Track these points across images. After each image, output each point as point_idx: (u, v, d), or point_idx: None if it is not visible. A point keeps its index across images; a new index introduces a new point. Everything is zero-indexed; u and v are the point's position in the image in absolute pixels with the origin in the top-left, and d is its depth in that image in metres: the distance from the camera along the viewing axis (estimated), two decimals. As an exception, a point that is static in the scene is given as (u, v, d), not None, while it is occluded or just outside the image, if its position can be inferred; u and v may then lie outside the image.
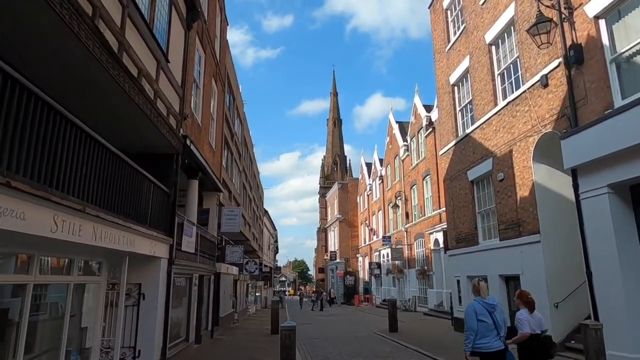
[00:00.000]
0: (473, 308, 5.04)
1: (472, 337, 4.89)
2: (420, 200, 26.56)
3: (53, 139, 4.29)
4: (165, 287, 8.24)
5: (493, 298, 5.25)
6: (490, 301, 5.11)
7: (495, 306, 5.10)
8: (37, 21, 4.20)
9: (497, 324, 4.97)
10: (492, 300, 5.14)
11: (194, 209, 11.32)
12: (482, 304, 5.05)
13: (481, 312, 4.96)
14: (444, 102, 16.39)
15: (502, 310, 5.24)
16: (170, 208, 8.55)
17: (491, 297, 5.25)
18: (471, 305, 5.16)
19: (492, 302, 5.11)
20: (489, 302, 5.10)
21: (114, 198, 5.86)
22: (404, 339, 13.24)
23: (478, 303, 5.07)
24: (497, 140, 12.33)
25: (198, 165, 10.99)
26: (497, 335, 4.94)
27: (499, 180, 12.12)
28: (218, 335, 14.19)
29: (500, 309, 5.19)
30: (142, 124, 7.12)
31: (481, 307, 5.01)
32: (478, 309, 4.99)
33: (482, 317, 4.92)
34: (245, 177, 24.79)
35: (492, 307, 5.05)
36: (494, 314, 5.01)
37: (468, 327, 4.98)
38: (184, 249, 9.44)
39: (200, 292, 11.93)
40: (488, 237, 13.19)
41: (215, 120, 14.03)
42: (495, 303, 5.15)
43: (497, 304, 5.18)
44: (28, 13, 4.09)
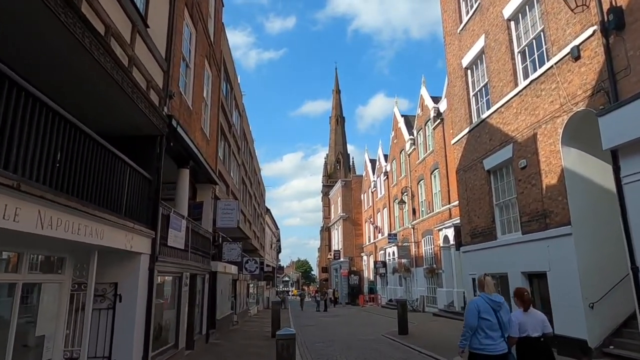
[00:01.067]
0: (475, 304, 4.66)
1: (469, 335, 4.60)
2: (428, 195, 25.42)
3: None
4: (146, 287, 7.17)
5: (498, 296, 4.76)
6: (496, 298, 4.66)
7: (501, 304, 4.66)
8: None
9: (502, 323, 4.58)
10: (497, 298, 4.69)
11: (184, 201, 10.26)
12: (486, 300, 4.63)
13: (484, 309, 4.57)
14: (456, 88, 15.27)
15: (508, 310, 4.80)
16: (153, 197, 7.49)
17: (496, 295, 4.76)
18: (473, 300, 4.79)
19: (498, 300, 4.66)
20: (495, 299, 4.65)
21: (71, 178, 4.79)
22: (416, 343, 12.12)
23: (482, 299, 4.67)
24: (518, 124, 11.21)
25: (188, 153, 9.92)
26: (502, 337, 4.59)
27: (520, 168, 11.00)
28: (214, 340, 13.12)
29: (507, 309, 4.75)
30: (114, 96, 6.05)
31: (485, 303, 4.61)
32: (481, 306, 4.60)
33: (485, 314, 4.54)
34: (245, 173, 23.73)
35: (497, 305, 4.61)
36: (499, 313, 4.59)
37: (466, 324, 4.65)
38: (171, 245, 8.37)
39: (193, 292, 10.86)
40: (507, 231, 12.06)
41: (210, 106, 12.96)
42: (501, 301, 4.69)
43: (503, 302, 4.72)
44: None
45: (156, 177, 7.58)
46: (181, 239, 9.06)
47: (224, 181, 16.13)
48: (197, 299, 11.68)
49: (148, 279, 7.23)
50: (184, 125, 9.45)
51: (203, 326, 11.89)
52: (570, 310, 9.08)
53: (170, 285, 9.23)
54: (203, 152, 11.62)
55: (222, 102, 15.41)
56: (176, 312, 9.28)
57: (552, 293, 9.74)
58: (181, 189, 10.23)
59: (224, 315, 16.00)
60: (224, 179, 15.94)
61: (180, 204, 10.17)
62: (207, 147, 12.35)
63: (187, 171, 10.45)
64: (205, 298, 12.24)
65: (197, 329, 11.55)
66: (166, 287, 8.97)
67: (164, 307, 8.82)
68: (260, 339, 13.70)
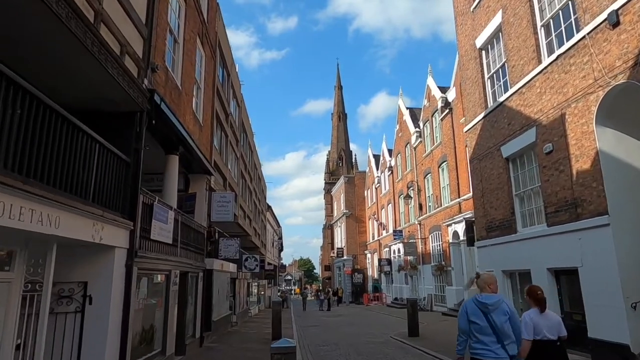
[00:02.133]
0: (464, 307, 4.35)
1: (462, 339, 4.26)
2: (435, 189, 24.34)
3: None
4: (123, 287, 6.16)
5: (491, 296, 4.23)
6: (484, 299, 4.18)
7: (490, 305, 4.14)
8: None
9: (495, 327, 4.07)
10: (487, 298, 4.18)
11: (173, 191, 9.25)
12: (474, 302, 4.24)
13: (472, 311, 4.21)
14: (469, 71, 14.19)
15: (505, 311, 4.15)
16: (131, 182, 6.47)
17: (488, 295, 4.24)
18: (464, 303, 4.46)
19: (486, 300, 4.16)
20: (483, 300, 4.19)
21: (12, 150, 3.77)
22: (429, 346, 11.10)
23: (471, 301, 4.31)
24: (542, 104, 10.13)
25: (178, 137, 8.91)
26: (498, 343, 4.06)
27: (545, 153, 9.93)
28: (209, 343, 12.11)
29: (503, 310, 4.14)
30: (78, 59, 5.02)
31: (473, 305, 4.22)
32: (469, 308, 4.25)
33: (473, 317, 4.17)
34: (245, 167, 22.71)
35: (485, 307, 4.14)
36: (490, 315, 4.10)
37: (458, 328, 4.34)
38: (156, 238, 7.36)
39: (184, 292, 9.85)
40: (529, 224, 11.00)
41: (203, 90, 11.93)
42: (490, 302, 4.15)
43: (495, 302, 4.16)
44: None
45: (135, 160, 6.56)
46: (168, 233, 8.05)
47: (220, 173, 15.12)
48: (190, 300, 10.68)
49: (125, 277, 6.21)
50: (170, 105, 8.43)
51: (196, 329, 10.88)
52: (607, 311, 8.03)
53: (156, 284, 8.21)
54: (195, 139, 10.60)
55: (218, 88, 14.38)
56: (164, 315, 8.27)
57: (584, 291, 8.68)
58: (170, 178, 9.22)
59: (221, 316, 14.99)
60: (220, 171, 14.92)
61: (168, 194, 9.16)
62: (200, 133, 11.33)
63: (177, 158, 9.44)
64: (199, 298, 11.23)
65: (190, 332, 10.55)
66: (151, 287, 7.96)
67: (149, 308, 7.81)
68: (259, 342, 12.68)
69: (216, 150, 13.97)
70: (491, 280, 4.43)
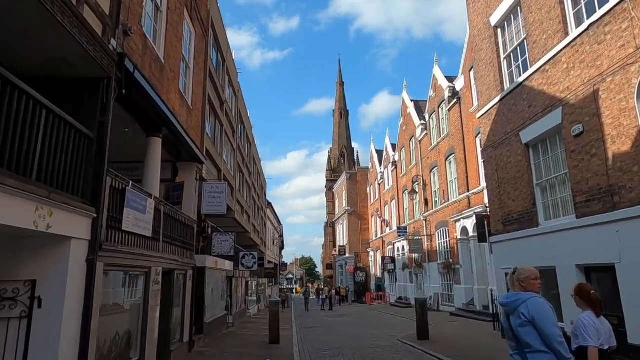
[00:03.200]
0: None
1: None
2: (442, 184, 23.25)
3: None
4: (83, 286, 5.12)
5: (511, 295, 3.57)
6: (504, 299, 3.63)
7: (505, 306, 3.56)
8: None
9: (514, 331, 3.43)
10: (505, 298, 3.61)
11: (154, 178, 8.21)
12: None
13: (502, 311, 3.86)
14: (482, 52, 13.09)
15: (520, 314, 3.36)
16: (95, 161, 5.41)
17: (512, 293, 3.58)
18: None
19: (502, 301, 3.65)
20: (502, 299, 3.65)
21: None
22: (442, 351, 10.03)
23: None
24: (569, 81, 9.05)
25: (159, 116, 7.86)
26: (518, 350, 3.42)
27: (573, 136, 8.85)
28: (200, 347, 11.07)
29: (519, 313, 3.37)
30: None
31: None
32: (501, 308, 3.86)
33: (502, 318, 3.73)
34: (242, 160, 21.66)
35: (503, 305, 3.62)
36: (510, 318, 3.47)
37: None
38: (129, 229, 6.31)
39: (169, 292, 8.81)
40: (554, 216, 9.93)
41: (193, 70, 10.87)
42: (505, 302, 3.57)
43: (510, 302, 3.49)
44: None
45: (100, 135, 5.50)
46: (146, 224, 7.00)
47: (214, 164, 14.07)
48: (176, 300, 9.64)
49: (86, 275, 5.16)
50: (150, 79, 7.38)
51: (184, 332, 9.83)
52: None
53: (133, 283, 7.16)
54: (182, 121, 9.55)
55: (211, 72, 13.32)
56: (142, 318, 7.21)
57: (623, 291, 7.59)
58: (151, 163, 8.17)
59: (215, 317, 13.96)
60: (214, 161, 13.87)
61: (149, 181, 8.11)
62: (188, 116, 10.28)
63: (159, 141, 8.38)
64: (188, 298, 10.18)
65: (177, 336, 9.51)
66: (126, 286, 6.91)
67: (124, 311, 6.76)
68: (255, 347, 11.64)
69: (209, 138, 12.91)
70: (523, 276, 3.55)
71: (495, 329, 13.14)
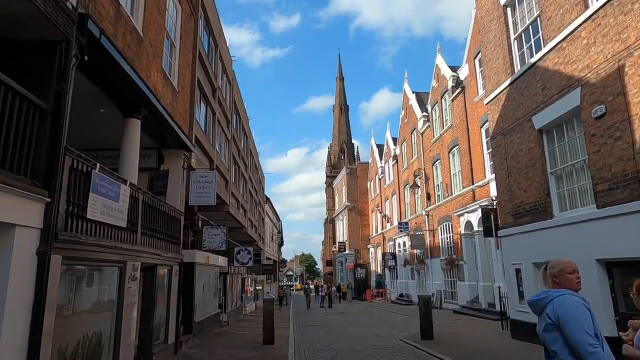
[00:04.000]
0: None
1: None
2: (445, 177, 22.45)
3: None
4: (33, 283, 4.35)
5: (544, 291, 2.85)
6: (534, 296, 2.89)
7: (531, 306, 2.88)
8: None
9: (540, 336, 2.77)
10: (535, 296, 2.88)
11: (132, 164, 7.43)
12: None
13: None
14: (490, 33, 12.27)
15: (546, 315, 2.71)
16: (49, 137, 4.63)
17: (549, 290, 2.83)
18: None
19: (530, 299, 2.91)
20: (529, 298, 2.94)
21: None
22: (449, 353, 9.27)
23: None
24: (589, 58, 8.25)
25: (136, 94, 7.08)
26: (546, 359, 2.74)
27: (594, 118, 8.06)
28: (188, 349, 10.32)
29: (546, 314, 2.70)
30: None
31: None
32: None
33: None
34: (238, 152, 20.86)
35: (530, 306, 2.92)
36: (538, 320, 2.81)
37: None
38: (96, 218, 5.54)
39: (150, 289, 8.03)
40: (570, 206, 9.15)
41: (179, 50, 10.06)
42: (533, 299, 2.87)
43: (537, 301, 2.83)
44: None
45: (56, 107, 4.71)
46: (119, 213, 6.22)
47: (205, 154, 13.28)
48: (162, 298, 8.88)
49: (37, 269, 4.39)
50: (125, 51, 6.58)
51: (169, 332, 9.07)
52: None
53: (104, 280, 6.38)
54: (166, 104, 8.76)
55: (202, 55, 12.51)
56: (115, 318, 6.45)
57: (652, 288, 6.82)
58: (128, 148, 7.39)
59: (207, 316, 13.21)
60: (205, 151, 13.08)
61: (126, 167, 7.34)
62: (173, 98, 9.47)
63: (138, 123, 7.60)
64: (174, 296, 9.41)
65: (161, 337, 8.75)
66: (95, 283, 6.14)
67: (92, 311, 5.99)
68: (248, 348, 10.89)
69: (199, 124, 12.11)
70: (556, 270, 2.86)
71: (504, 328, 12.38)
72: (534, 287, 9.95)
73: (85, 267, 5.72)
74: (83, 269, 5.68)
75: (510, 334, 11.13)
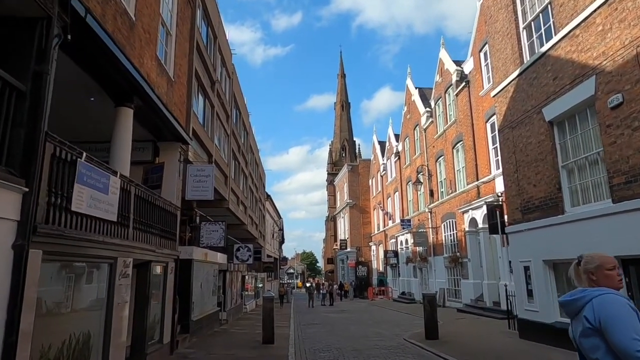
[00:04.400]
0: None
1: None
2: (449, 173, 22.05)
3: None
4: (9, 280, 4.00)
5: (579, 290, 2.36)
6: (566, 296, 2.41)
7: (564, 307, 2.42)
8: None
9: (575, 341, 2.33)
10: (568, 295, 2.40)
11: (124, 155, 7.08)
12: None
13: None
14: (498, 23, 11.86)
15: (584, 318, 2.24)
16: (27, 121, 4.26)
17: (576, 289, 2.39)
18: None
19: (563, 298, 2.42)
20: (562, 297, 2.44)
21: None
22: (455, 354, 8.89)
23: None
24: (605, 45, 7.85)
25: (128, 81, 6.71)
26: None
27: (610, 108, 7.67)
28: (185, 348, 9.97)
29: (584, 317, 2.23)
30: None
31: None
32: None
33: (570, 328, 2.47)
34: (238, 148, 20.50)
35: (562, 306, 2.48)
36: (573, 324, 2.36)
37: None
38: (82, 211, 5.18)
39: (143, 287, 7.68)
40: (583, 201, 8.77)
41: (175, 38, 9.68)
42: (567, 299, 2.38)
43: (572, 301, 2.34)
44: None
45: (35, 89, 4.34)
46: (109, 206, 5.86)
47: (203, 147, 12.91)
48: (156, 296, 8.53)
49: (13, 264, 4.03)
50: (115, 34, 6.21)
51: (165, 332, 8.72)
52: None
53: (93, 277, 6.02)
54: (161, 93, 8.39)
55: (200, 47, 12.13)
56: (105, 317, 6.09)
57: (673, 287, 6.46)
58: (119, 137, 7.03)
59: (205, 314, 12.87)
60: (203, 145, 12.71)
61: (118, 158, 6.98)
62: (169, 88, 9.11)
63: (130, 112, 7.24)
64: (170, 294, 9.06)
65: (156, 336, 8.41)
66: (82, 280, 5.78)
67: (79, 310, 5.63)
68: (247, 347, 10.54)
69: (196, 117, 11.74)
70: (593, 265, 2.43)
71: (510, 327, 12.02)
72: (544, 286, 9.59)
73: (71, 263, 5.36)
74: (68, 265, 5.32)
75: (518, 334, 10.75)
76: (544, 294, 9.56)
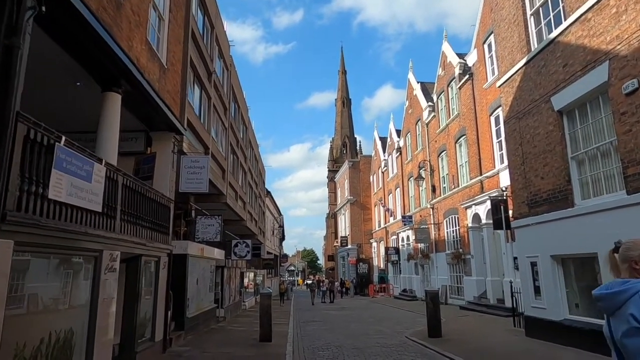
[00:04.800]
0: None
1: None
2: (452, 168, 21.66)
3: None
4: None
5: (612, 283, 2.02)
6: (601, 289, 2.03)
7: (600, 301, 2.02)
8: None
9: (614, 341, 1.94)
10: (605, 287, 2.02)
11: (110, 141, 6.69)
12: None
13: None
14: (504, 10, 11.45)
15: (628, 316, 1.82)
16: (-4, 98, 3.88)
17: (612, 281, 2.03)
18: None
19: (599, 291, 2.03)
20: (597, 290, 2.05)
21: None
22: (460, 352, 8.53)
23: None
24: (619, 28, 7.44)
25: (115, 64, 6.32)
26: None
27: (625, 94, 7.27)
28: (179, 346, 9.63)
29: (630, 314, 1.82)
30: None
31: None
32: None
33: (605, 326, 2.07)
34: (236, 142, 20.11)
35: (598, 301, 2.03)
36: (610, 320, 1.98)
37: None
38: (62, 200, 4.81)
39: (133, 282, 7.32)
40: (594, 194, 8.38)
41: (168, 23, 9.29)
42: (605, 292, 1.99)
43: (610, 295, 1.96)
44: None
45: (4, 65, 3.97)
46: (93, 195, 5.48)
47: (200, 140, 12.53)
48: (150, 291, 8.18)
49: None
50: (100, 13, 5.82)
51: (157, 329, 8.36)
52: None
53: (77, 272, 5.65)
54: (152, 79, 8.00)
55: (196, 35, 11.74)
56: (89, 314, 5.73)
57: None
58: (106, 123, 6.65)
59: (202, 311, 12.52)
60: (199, 136, 12.33)
61: (104, 144, 6.61)
62: (161, 75, 8.72)
63: (118, 98, 6.86)
64: (162, 290, 8.70)
65: (147, 334, 8.05)
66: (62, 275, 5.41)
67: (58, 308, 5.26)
68: (244, 345, 10.20)
69: (192, 108, 11.35)
70: (637, 253, 2.01)
71: (516, 325, 11.66)
72: (552, 282, 9.21)
73: (50, 255, 4.99)
74: (46, 257, 4.95)
75: (524, 332, 10.39)
76: (552, 290, 9.19)
